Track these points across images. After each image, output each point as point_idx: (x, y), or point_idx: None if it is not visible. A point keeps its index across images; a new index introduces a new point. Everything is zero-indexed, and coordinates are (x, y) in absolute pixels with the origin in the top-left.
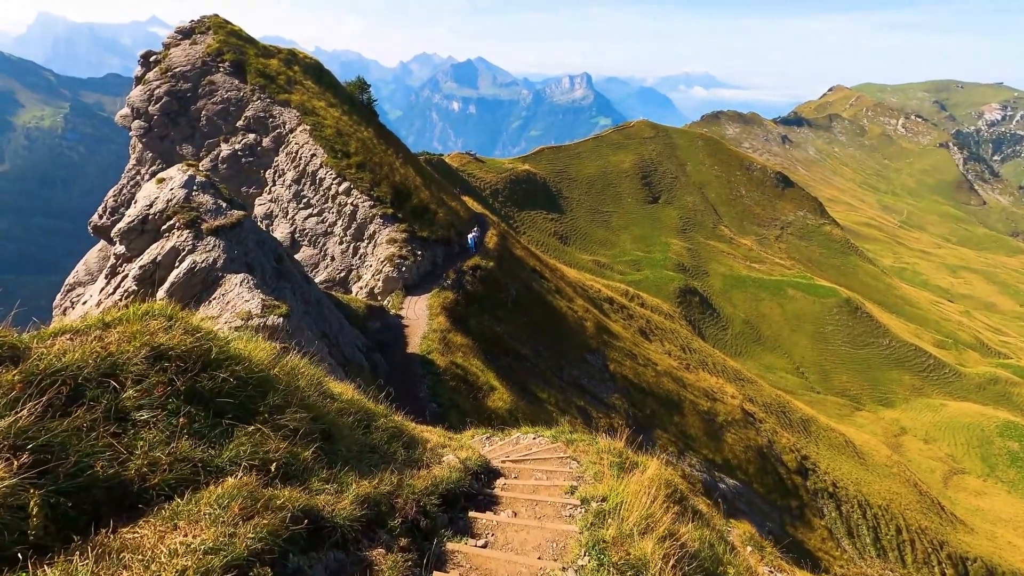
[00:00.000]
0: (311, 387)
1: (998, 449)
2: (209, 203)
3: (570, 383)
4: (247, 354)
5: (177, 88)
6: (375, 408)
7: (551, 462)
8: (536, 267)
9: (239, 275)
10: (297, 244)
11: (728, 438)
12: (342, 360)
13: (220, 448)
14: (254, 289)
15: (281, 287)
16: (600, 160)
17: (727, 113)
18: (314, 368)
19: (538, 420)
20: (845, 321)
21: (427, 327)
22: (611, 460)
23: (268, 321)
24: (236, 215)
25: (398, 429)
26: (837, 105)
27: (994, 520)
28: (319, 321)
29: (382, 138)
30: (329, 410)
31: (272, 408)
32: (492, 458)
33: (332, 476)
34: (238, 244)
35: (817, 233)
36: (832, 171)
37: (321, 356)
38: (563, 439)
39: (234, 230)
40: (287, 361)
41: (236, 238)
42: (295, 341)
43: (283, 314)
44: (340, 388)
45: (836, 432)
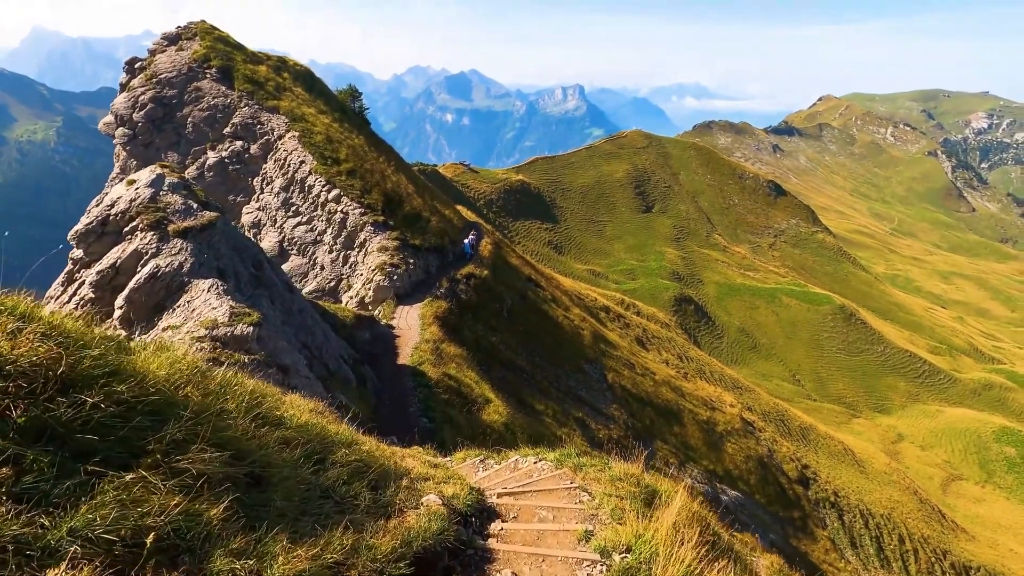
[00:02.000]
0: (241, 411)
1: (995, 455)
2: (178, 203)
3: (567, 394)
4: (142, 369)
5: (162, 95)
6: (337, 433)
7: (557, 494)
8: (531, 276)
9: (207, 281)
10: (286, 253)
11: (728, 448)
12: (325, 373)
13: (65, 514)
14: (223, 296)
15: (258, 295)
16: (594, 170)
17: (719, 123)
18: (255, 383)
19: (535, 433)
20: (840, 328)
21: (419, 337)
22: (629, 490)
23: (236, 330)
24: (208, 216)
25: (363, 462)
26: (827, 114)
27: (994, 527)
28: (301, 332)
29: (374, 146)
30: (264, 443)
31: (171, 445)
32: (487, 487)
33: (252, 543)
34: (209, 248)
35: (810, 241)
36: (823, 179)
37: (297, 369)
38: (569, 464)
39: (205, 232)
40: (215, 376)
41: (207, 241)
42: (267, 352)
43: (253, 322)
44: (297, 408)
45: (835, 440)
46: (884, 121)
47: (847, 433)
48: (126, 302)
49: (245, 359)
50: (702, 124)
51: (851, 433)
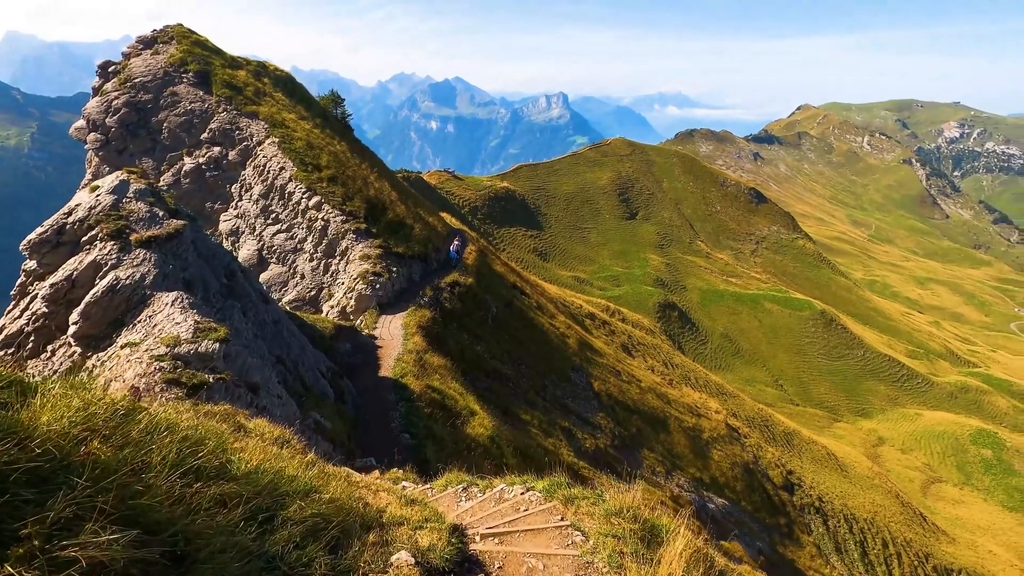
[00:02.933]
0: (167, 466)
1: (972, 457)
2: (142, 211)
3: (554, 403)
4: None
5: (137, 99)
6: (293, 479)
7: (547, 534)
8: (516, 283)
9: (171, 294)
10: (265, 262)
11: (714, 455)
12: (300, 388)
13: None
14: (188, 310)
15: (229, 307)
16: (578, 177)
17: (700, 131)
18: (197, 422)
19: (522, 446)
20: (820, 333)
21: (402, 348)
22: (627, 528)
23: (200, 347)
24: (174, 225)
25: (322, 517)
26: (805, 123)
27: (973, 529)
28: (275, 345)
29: (356, 152)
30: (194, 505)
31: (57, 526)
32: (469, 523)
33: None
34: (175, 258)
35: (791, 247)
36: (803, 187)
37: (269, 387)
38: (560, 496)
39: (171, 242)
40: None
41: (173, 251)
42: (235, 370)
43: (220, 338)
44: (256, 442)
45: (818, 445)
46: (860, 130)
47: (829, 437)
48: (81, 317)
49: (210, 379)
50: (684, 132)
51: (833, 437)
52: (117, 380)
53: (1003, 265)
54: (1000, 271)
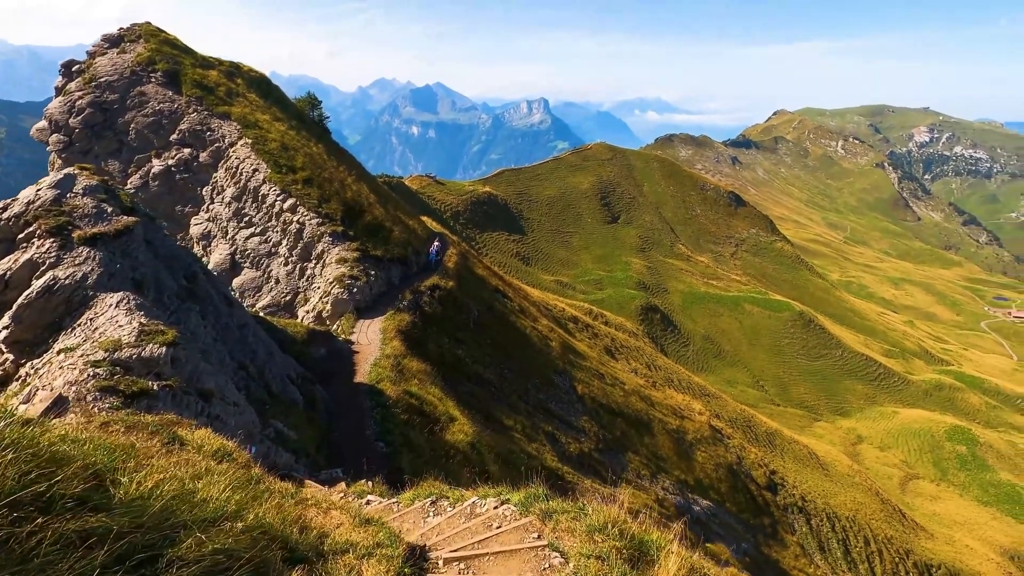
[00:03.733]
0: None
1: (948, 453)
2: (88, 207)
3: (537, 407)
4: None
5: (102, 99)
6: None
7: (520, 557)
8: (499, 286)
9: (116, 295)
10: (238, 266)
11: (698, 456)
12: (264, 396)
13: None
14: (135, 312)
15: (185, 310)
16: (560, 181)
17: (680, 136)
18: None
19: (504, 452)
20: (799, 334)
21: (379, 352)
22: (612, 546)
23: (144, 352)
24: (124, 221)
25: (227, 553)
26: (781, 128)
27: (950, 524)
28: (238, 350)
29: (334, 155)
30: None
31: None
32: (433, 543)
33: None
34: (124, 257)
35: (769, 249)
36: (780, 191)
37: (224, 394)
38: (536, 510)
39: (119, 239)
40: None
41: (122, 249)
42: (184, 375)
43: (167, 342)
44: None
45: (800, 444)
46: (834, 135)
47: (810, 436)
48: (13, 321)
49: (154, 386)
50: (664, 137)
51: (813, 436)
52: (45, 389)
53: (973, 265)
54: (970, 271)
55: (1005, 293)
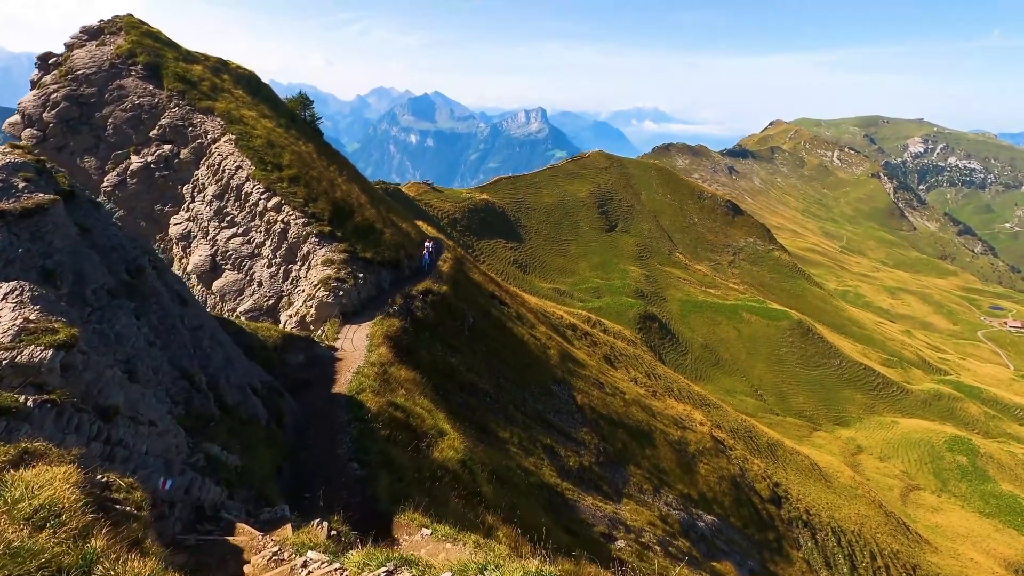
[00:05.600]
0: None
1: (948, 464)
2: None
3: (535, 418)
4: None
5: (79, 92)
6: None
7: None
8: (495, 292)
9: (7, 284)
10: (219, 268)
11: (701, 469)
12: (212, 410)
13: None
14: (27, 306)
15: (114, 307)
16: (557, 190)
17: (677, 145)
18: None
19: (499, 468)
20: (798, 343)
21: (364, 360)
22: None
23: (21, 356)
24: (38, 199)
25: None
26: (777, 138)
27: (953, 536)
28: (184, 355)
29: (324, 155)
30: None
31: None
32: None
33: None
34: (32, 240)
35: (767, 258)
36: (777, 200)
37: (137, 410)
38: None
39: (28, 219)
40: None
41: (30, 232)
42: (79, 386)
43: (58, 344)
44: None
45: (801, 455)
46: (830, 145)
47: (809, 446)
48: None
49: (26, 401)
50: (661, 146)
51: (813, 446)
52: None
53: (968, 275)
54: (966, 281)
55: (1001, 303)
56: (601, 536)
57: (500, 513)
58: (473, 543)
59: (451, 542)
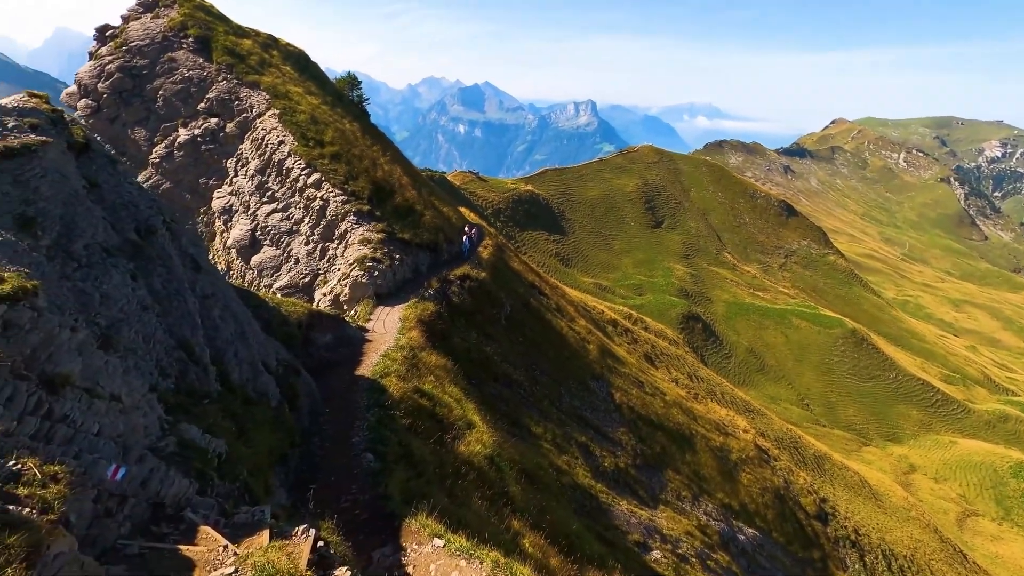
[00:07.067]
0: None
1: (1012, 491)
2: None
3: (570, 415)
4: None
5: (132, 64)
6: None
7: None
8: (535, 282)
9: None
10: (258, 243)
11: (743, 478)
12: (211, 387)
13: None
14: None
15: (108, 264)
16: (604, 183)
17: (730, 142)
18: None
19: (530, 466)
20: (851, 353)
21: (393, 343)
22: None
23: None
24: (27, 140)
25: None
26: (839, 138)
27: (1015, 570)
28: (186, 324)
29: (368, 135)
30: None
31: None
32: None
33: None
34: (15, 184)
35: (821, 263)
36: (835, 202)
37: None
38: None
39: (11, 160)
40: None
41: (12, 175)
42: (25, 349)
43: (1, 295)
44: None
45: (850, 470)
46: (897, 146)
47: (857, 461)
48: None
49: None
50: (713, 143)
51: (862, 462)
52: None
53: None
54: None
55: None
56: (636, 545)
57: (528, 517)
58: (492, 562)
59: (466, 558)
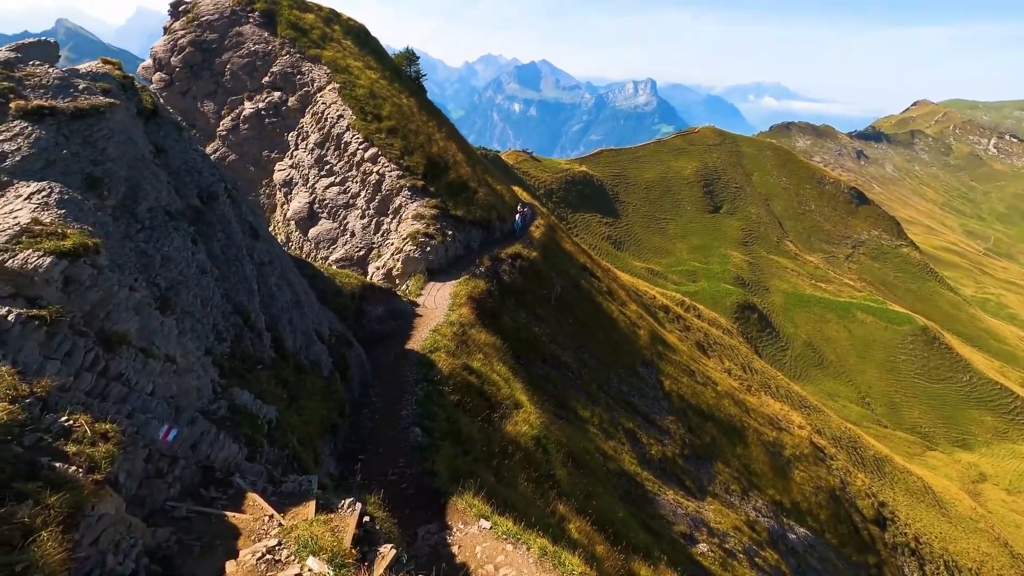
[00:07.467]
0: None
1: None
2: (50, 78)
3: (618, 399)
4: None
5: (202, 38)
6: None
7: None
8: (587, 264)
9: (36, 184)
10: (316, 216)
11: (796, 476)
12: (266, 354)
13: None
14: (51, 208)
15: (170, 227)
16: (661, 165)
17: (798, 124)
18: None
19: (576, 450)
20: (920, 352)
21: (443, 319)
22: None
23: (18, 260)
24: (96, 101)
25: None
26: (921, 121)
27: None
28: (240, 289)
29: (425, 110)
30: None
31: None
32: None
33: None
34: (84, 144)
35: (893, 255)
36: (911, 190)
37: (153, 342)
38: None
39: (81, 121)
40: None
41: (82, 135)
42: (84, 306)
43: (62, 251)
44: None
45: (913, 475)
46: (987, 131)
47: (921, 466)
48: None
49: (8, 315)
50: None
51: (925, 467)
52: None
53: None
54: None
55: None
56: (681, 537)
57: (574, 502)
58: (539, 549)
59: (512, 543)
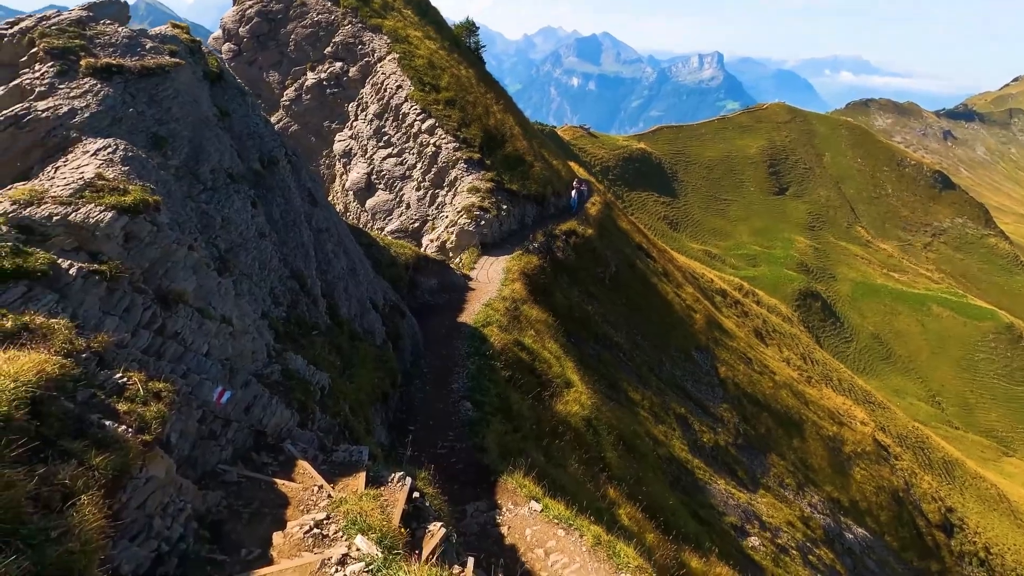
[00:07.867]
0: None
1: None
2: (119, 36)
3: (670, 384)
4: None
5: (269, 9)
6: None
7: None
8: (642, 244)
9: (102, 140)
10: (373, 187)
11: (856, 474)
12: (321, 320)
13: None
14: (115, 165)
15: (231, 190)
16: (724, 143)
17: (878, 101)
18: None
19: (626, 433)
20: (1003, 351)
21: (496, 293)
22: None
23: (76, 214)
24: (162, 60)
25: None
26: (1022, 98)
27: None
28: (297, 255)
29: (483, 82)
30: None
31: None
32: None
33: None
34: (150, 104)
35: (978, 245)
36: (1005, 175)
37: (210, 302)
38: None
39: (147, 80)
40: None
41: (148, 94)
42: (143, 263)
43: (122, 207)
44: None
45: (987, 482)
46: None
47: (995, 473)
48: None
49: (70, 269)
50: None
51: (1000, 474)
52: None
53: None
54: None
55: None
56: (732, 528)
57: (624, 486)
58: (593, 537)
59: (564, 528)
